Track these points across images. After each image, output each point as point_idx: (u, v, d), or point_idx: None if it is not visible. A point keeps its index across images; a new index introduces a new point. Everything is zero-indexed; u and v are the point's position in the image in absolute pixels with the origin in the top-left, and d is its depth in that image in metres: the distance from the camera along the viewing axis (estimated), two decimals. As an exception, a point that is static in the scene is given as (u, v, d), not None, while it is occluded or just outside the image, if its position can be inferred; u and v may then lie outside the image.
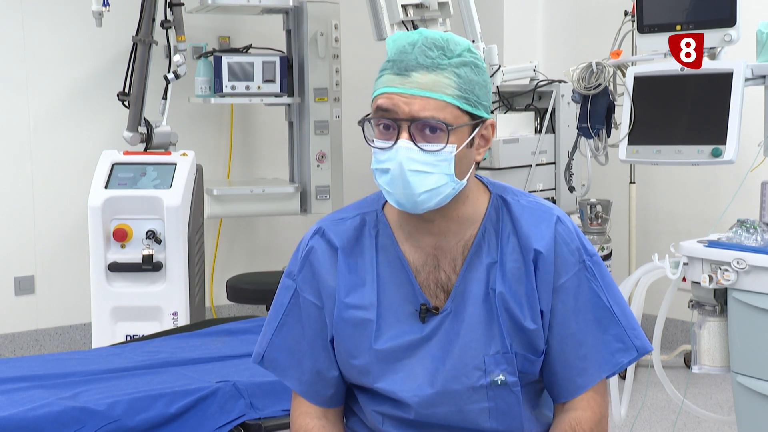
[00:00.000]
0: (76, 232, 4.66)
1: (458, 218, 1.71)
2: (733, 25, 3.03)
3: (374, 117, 1.64)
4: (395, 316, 1.72)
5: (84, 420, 2.16)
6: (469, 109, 1.64)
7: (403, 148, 1.60)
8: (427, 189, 1.62)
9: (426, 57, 1.61)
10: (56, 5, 4.67)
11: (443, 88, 1.61)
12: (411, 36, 1.65)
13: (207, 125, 5.12)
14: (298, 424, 1.80)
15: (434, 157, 1.61)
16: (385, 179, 1.63)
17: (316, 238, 1.77)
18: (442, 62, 1.62)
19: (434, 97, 1.60)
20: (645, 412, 3.94)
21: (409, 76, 1.61)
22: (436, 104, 1.61)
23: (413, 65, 1.61)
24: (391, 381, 1.71)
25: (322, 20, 4.66)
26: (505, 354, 1.68)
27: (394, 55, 1.63)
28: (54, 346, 4.79)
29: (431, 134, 1.61)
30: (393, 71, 1.62)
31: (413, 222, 1.72)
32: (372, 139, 1.65)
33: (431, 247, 1.72)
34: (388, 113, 1.62)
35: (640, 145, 3.20)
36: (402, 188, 1.62)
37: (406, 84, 1.61)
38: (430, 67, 1.61)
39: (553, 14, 5.23)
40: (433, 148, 1.61)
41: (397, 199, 1.65)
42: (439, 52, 1.62)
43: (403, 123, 1.61)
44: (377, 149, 1.64)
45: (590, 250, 1.74)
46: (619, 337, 1.73)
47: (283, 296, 1.80)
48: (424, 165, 1.61)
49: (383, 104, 1.62)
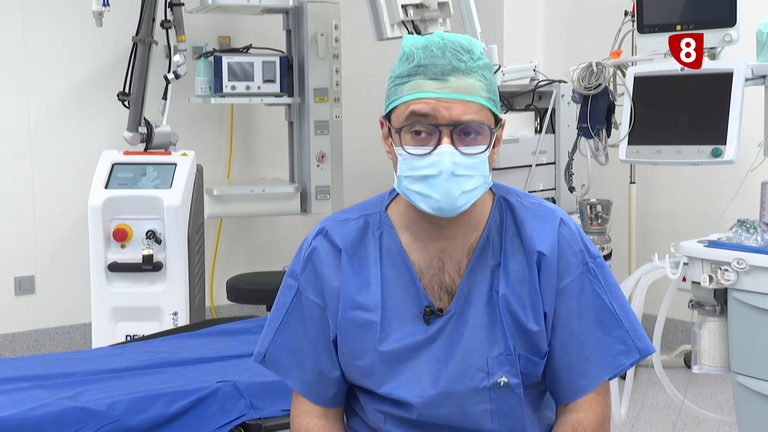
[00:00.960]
0: (76, 232, 4.67)
1: (467, 221, 1.71)
2: (733, 25, 3.02)
3: (409, 123, 1.62)
4: (399, 318, 1.71)
5: (84, 420, 2.16)
6: (495, 110, 1.65)
7: (447, 152, 1.60)
8: (466, 190, 1.63)
9: (459, 61, 1.61)
10: (56, 5, 4.67)
11: (478, 91, 1.62)
12: (433, 39, 1.64)
13: (207, 125, 5.12)
14: (299, 423, 1.80)
15: (474, 160, 1.62)
16: (422, 185, 1.62)
17: (319, 238, 1.77)
18: (473, 65, 1.62)
19: (473, 100, 1.61)
20: (645, 412, 3.94)
21: (446, 80, 1.60)
22: (474, 107, 1.61)
23: (449, 69, 1.61)
24: (395, 383, 1.70)
25: (322, 20, 4.66)
26: (508, 356, 1.68)
27: (424, 60, 1.62)
28: (54, 346, 4.79)
29: (467, 137, 1.62)
30: (427, 76, 1.61)
31: (424, 225, 1.71)
32: (403, 145, 1.64)
33: (437, 249, 1.72)
34: (426, 118, 1.61)
35: (640, 145, 3.20)
36: (445, 193, 1.61)
37: (444, 89, 1.60)
38: (465, 70, 1.61)
39: (553, 14, 5.23)
40: (475, 151, 1.62)
41: (434, 205, 1.63)
42: (468, 55, 1.63)
43: (445, 128, 1.60)
44: (413, 155, 1.62)
45: (593, 252, 1.74)
46: (622, 339, 1.73)
47: (286, 296, 1.79)
48: (467, 168, 1.62)
49: (421, 109, 1.61)
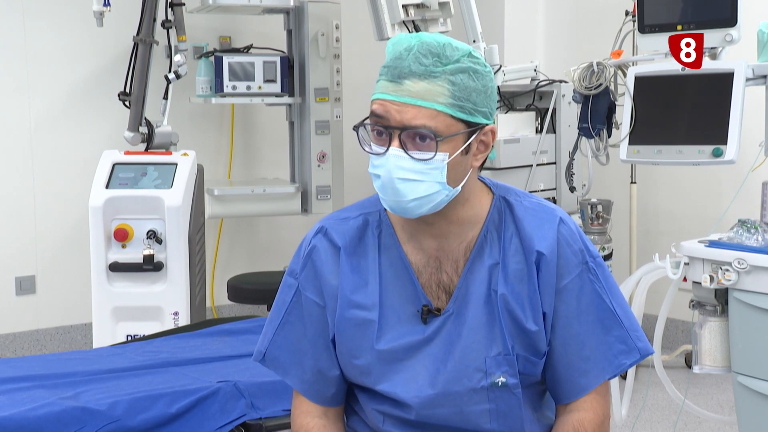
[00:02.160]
0: (76, 232, 4.67)
1: (459, 220, 1.71)
2: (734, 25, 3.02)
3: (369, 122, 1.64)
4: (397, 316, 1.71)
5: (85, 420, 2.16)
6: (463, 116, 1.62)
7: (393, 155, 1.60)
8: (417, 197, 1.62)
9: (419, 64, 1.60)
10: (57, 5, 4.67)
11: (435, 96, 1.59)
12: (409, 41, 1.64)
13: (208, 125, 5.12)
14: (299, 423, 1.80)
15: (425, 166, 1.60)
16: (378, 184, 1.64)
17: (318, 236, 1.77)
18: (436, 69, 1.60)
19: (426, 105, 1.59)
20: (646, 412, 3.94)
21: (401, 83, 1.60)
22: (428, 113, 1.59)
23: (406, 73, 1.60)
24: (393, 382, 1.71)
25: (323, 20, 4.66)
26: (506, 356, 1.68)
27: (390, 60, 1.63)
28: (55, 346, 4.79)
29: (422, 143, 1.60)
30: (387, 78, 1.62)
31: (413, 224, 1.72)
32: (368, 143, 1.65)
33: (433, 248, 1.72)
34: (381, 120, 1.62)
35: (640, 145, 3.20)
36: (392, 195, 1.62)
37: (398, 92, 1.60)
38: (423, 74, 1.59)
39: (554, 14, 5.23)
40: (423, 156, 1.60)
41: (389, 205, 1.65)
42: (434, 59, 1.61)
43: (394, 131, 1.60)
44: (372, 154, 1.64)
45: (593, 252, 1.74)
46: (622, 338, 1.73)
47: (285, 295, 1.80)
48: (414, 173, 1.60)
49: (376, 110, 1.62)
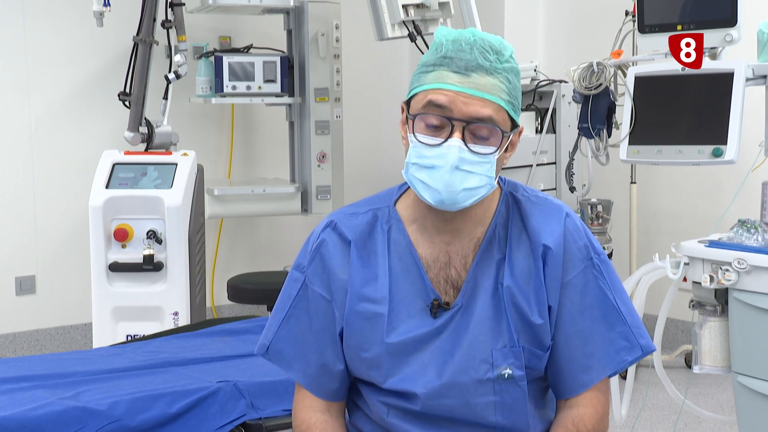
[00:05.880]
0: (77, 232, 4.67)
1: (473, 216, 1.72)
2: (734, 25, 3.02)
3: (424, 111, 1.62)
4: (407, 310, 1.72)
5: (85, 420, 2.16)
6: (513, 115, 1.66)
7: (456, 147, 1.60)
8: (468, 187, 1.63)
9: (485, 59, 1.61)
10: (57, 5, 4.67)
11: (499, 92, 1.62)
12: (465, 35, 1.64)
13: (208, 125, 5.12)
14: (301, 417, 1.80)
15: (481, 159, 1.62)
16: (426, 174, 1.63)
17: (327, 230, 1.77)
18: (498, 66, 1.62)
19: (492, 99, 1.61)
20: (646, 412, 3.94)
21: (469, 75, 1.60)
22: (493, 107, 1.61)
23: (474, 66, 1.61)
24: (401, 375, 1.71)
25: (323, 20, 4.66)
26: (512, 348, 1.69)
27: (450, 52, 1.62)
28: (55, 346, 4.79)
29: (479, 136, 1.62)
30: (451, 68, 1.61)
31: (431, 218, 1.72)
32: (415, 132, 1.64)
33: (444, 243, 1.73)
34: (442, 110, 1.61)
35: (640, 145, 3.20)
36: (446, 185, 1.62)
37: (466, 83, 1.60)
38: (489, 69, 1.61)
39: (553, 14, 5.23)
40: (485, 150, 1.62)
41: (438, 197, 1.64)
42: (496, 55, 1.63)
43: (458, 123, 1.60)
44: (423, 144, 1.63)
45: (597, 249, 1.75)
46: (625, 335, 1.73)
47: (291, 288, 1.79)
48: (471, 165, 1.62)
49: (438, 100, 1.61)
